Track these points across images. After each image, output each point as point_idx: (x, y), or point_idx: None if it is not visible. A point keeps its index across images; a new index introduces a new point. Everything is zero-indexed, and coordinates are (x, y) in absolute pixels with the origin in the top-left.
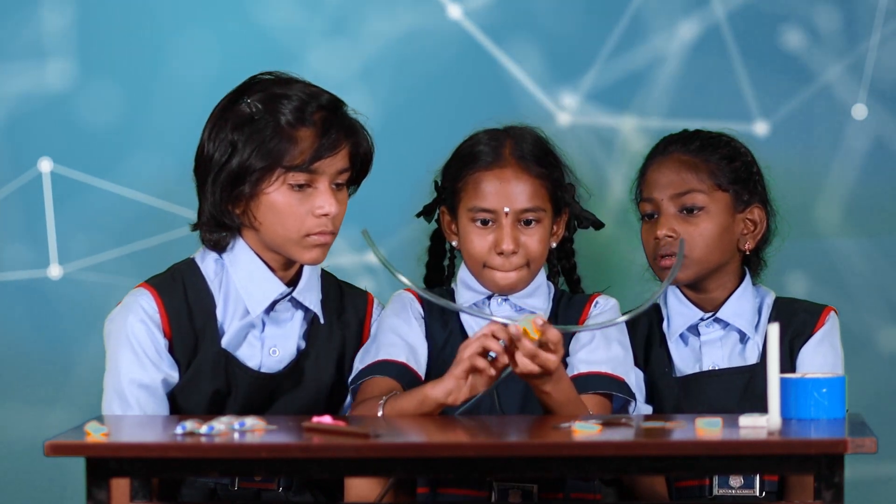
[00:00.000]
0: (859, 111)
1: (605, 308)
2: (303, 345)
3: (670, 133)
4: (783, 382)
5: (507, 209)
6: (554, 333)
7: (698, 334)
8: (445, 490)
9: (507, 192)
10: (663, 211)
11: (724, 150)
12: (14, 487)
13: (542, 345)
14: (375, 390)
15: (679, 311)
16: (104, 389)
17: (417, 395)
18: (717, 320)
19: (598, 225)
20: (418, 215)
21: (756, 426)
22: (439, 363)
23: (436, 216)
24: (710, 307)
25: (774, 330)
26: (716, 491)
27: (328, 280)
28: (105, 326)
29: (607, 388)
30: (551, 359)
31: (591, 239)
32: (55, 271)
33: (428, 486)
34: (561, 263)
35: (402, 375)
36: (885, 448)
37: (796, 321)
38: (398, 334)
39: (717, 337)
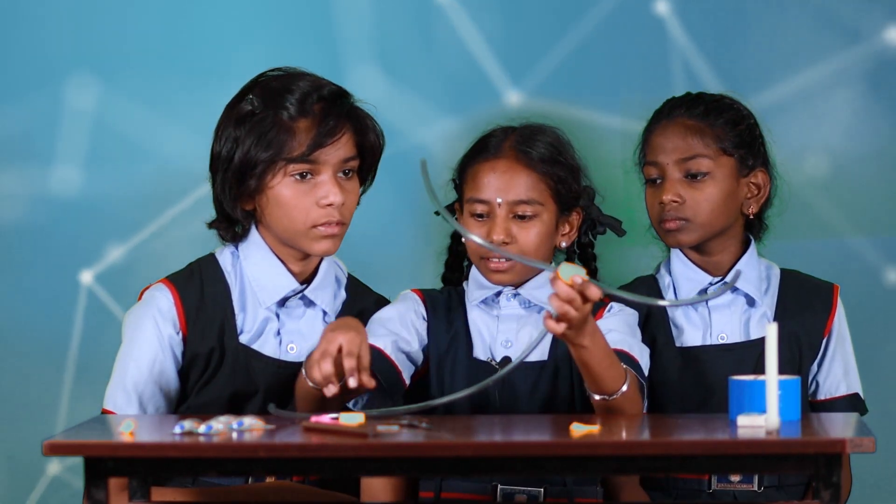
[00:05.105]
0: None
1: (618, 311)
2: None
3: (673, 96)
4: (737, 385)
5: (499, 200)
6: (595, 291)
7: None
8: (449, 494)
9: (500, 183)
10: (668, 176)
11: (729, 113)
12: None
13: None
14: None
15: (687, 276)
16: (111, 379)
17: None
18: (726, 284)
19: (619, 232)
20: (437, 213)
21: (754, 426)
22: (444, 364)
23: (454, 215)
24: (716, 271)
25: (773, 330)
26: (714, 485)
27: (354, 284)
28: (124, 319)
29: (629, 364)
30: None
31: None
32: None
33: (432, 491)
34: (583, 266)
35: (377, 360)
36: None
37: (809, 304)
38: (385, 326)
39: (726, 302)
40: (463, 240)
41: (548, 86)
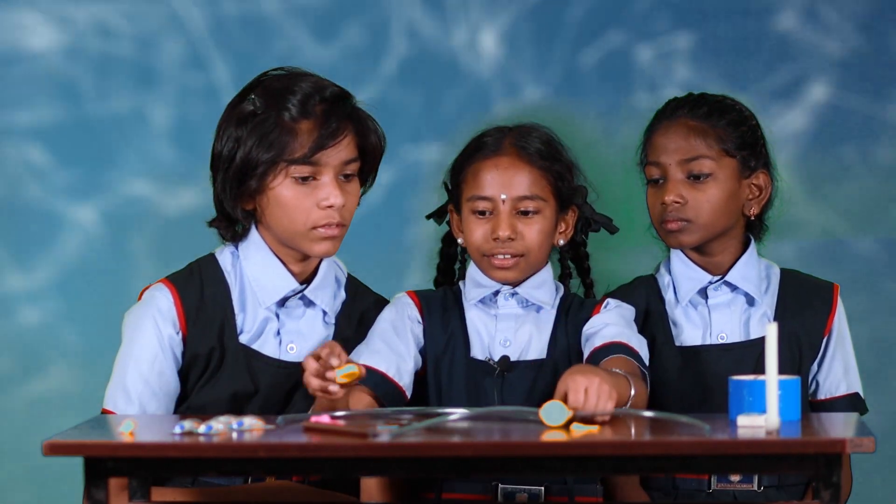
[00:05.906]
0: None
1: (615, 306)
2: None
3: (675, 97)
4: (737, 385)
5: (503, 196)
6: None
7: (706, 298)
8: (450, 495)
9: (504, 179)
10: (670, 176)
11: (732, 114)
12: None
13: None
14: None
15: (687, 276)
16: (111, 379)
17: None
18: (726, 283)
19: (612, 229)
20: (429, 217)
21: (754, 426)
22: (441, 364)
23: (446, 218)
24: (716, 271)
25: (773, 330)
26: (714, 485)
27: (354, 284)
28: (124, 319)
29: (628, 354)
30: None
31: None
32: None
33: (433, 492)
34: (576, 265)
35: (379, 385)
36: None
37: (809, 303)
38: (386, 342)
39: (726, 301)
40: (459, 240)
41: (548, 83)
